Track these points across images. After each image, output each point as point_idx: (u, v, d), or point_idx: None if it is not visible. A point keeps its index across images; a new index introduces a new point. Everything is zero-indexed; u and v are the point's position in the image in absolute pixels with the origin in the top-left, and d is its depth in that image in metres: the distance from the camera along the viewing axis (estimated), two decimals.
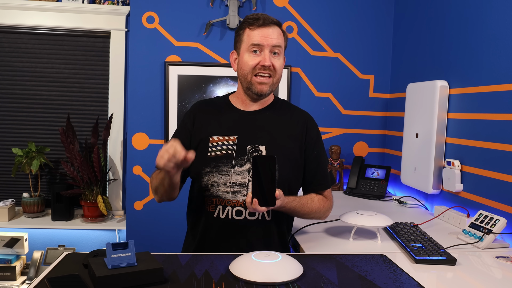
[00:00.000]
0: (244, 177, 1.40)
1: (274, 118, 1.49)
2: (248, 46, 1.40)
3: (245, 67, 1.41)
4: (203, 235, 1.45)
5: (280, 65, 1.43)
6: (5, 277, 2.46)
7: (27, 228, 2.63)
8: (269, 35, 1.39)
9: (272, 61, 1.39)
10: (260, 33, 1.38)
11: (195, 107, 1.54)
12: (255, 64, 1.39)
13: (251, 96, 1.45)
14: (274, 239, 1.45)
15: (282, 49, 1.43)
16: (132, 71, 2.54)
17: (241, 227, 1.41)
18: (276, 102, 1.54)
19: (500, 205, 1.67)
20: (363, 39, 2.66)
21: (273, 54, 1.40)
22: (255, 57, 1.39)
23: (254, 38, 1.39)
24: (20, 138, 2.76)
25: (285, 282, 1.05)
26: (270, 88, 1.42)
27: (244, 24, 1.43)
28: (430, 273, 1.27)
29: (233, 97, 1.54)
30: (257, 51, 1.39)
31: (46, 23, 2.66)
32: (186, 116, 1.53)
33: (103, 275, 0.99)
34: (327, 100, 2.67)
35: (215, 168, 1.41)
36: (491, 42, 1.76)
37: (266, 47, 1.39)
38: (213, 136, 1.44)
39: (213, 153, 1.42)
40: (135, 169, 2.56)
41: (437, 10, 2.17)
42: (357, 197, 2.39)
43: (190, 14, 2.54)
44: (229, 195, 1.40)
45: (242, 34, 1.43)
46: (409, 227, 1.65)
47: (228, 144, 1.42)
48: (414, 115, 2.22)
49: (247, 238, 1.41)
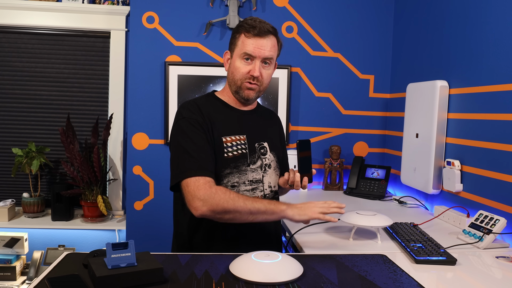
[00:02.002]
0: (258, 173, 1.46)
1: (262, 118, 1.58)
2: (241, 53, 1.42)
3: (235, 72, 1.44)
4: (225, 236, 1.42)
5: (269, 74, 1.47)
6: (5, 277, 2.46)
7: (27, 228, 2.63)
8: (263, 47, 1.41)
9: (262, 72, 1.43)
10: (254, 43, 1.40)
11: (194, 105, 1.44)
12: (246, 72, 1.42)
13: (239, 100, 1.49)
14: (279, 229, 1.58)
15: (274, 59, 1.48)
16: (132, 71, 2.54)
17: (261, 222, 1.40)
18: (259, 105, 1.62)
19: (500, 205, 1.67)
20: (363, 39, 2.66)
21: (263, 63, 1.44)
22: (246, 65, 1.42)
23: (248, 47, 1.41)
24: (20, 138, 2.76)
25: (285, 282, 1.05)
26: (256, 94, 1.47)
27: (241, 28, 1.44)
28: (430, 273, 1.27)
29: (223, 96, 1.52)
30: (249, 59, 1.42)
31: (46, 23, 2.66)
32: (191, 111, 1.41)
33: (103, 275, 0.99)
34: (327, 100, 2.67)
35: (235, 168, 1.42)
36: (491, 42, 1.76)
37: (258, 58, 1.42)
38: (225, 136, 1.44)
39: (230, 153, 1.42)
40: (135, 169, 2.56)
41: (437, 10, 2.17)
42: (357, 197, 2.39)
43: (190, 14, 2.54)
44: (249, 193, 1.44)
45: (237, 39, 1.45)
46: (409, 227, 1.65)
47: (241, 144, 1.45)
48: (414, 115, 2.22)
49: (265, 233, 1.48)
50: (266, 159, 1.49)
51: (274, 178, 1.51)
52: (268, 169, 1.49)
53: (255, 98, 1.49)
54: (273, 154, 1.53)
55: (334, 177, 2.60)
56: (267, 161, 1.49)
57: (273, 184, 1.51)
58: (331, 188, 2.59)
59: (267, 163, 1.49)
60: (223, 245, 1.41)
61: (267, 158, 1.49)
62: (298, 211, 1.36)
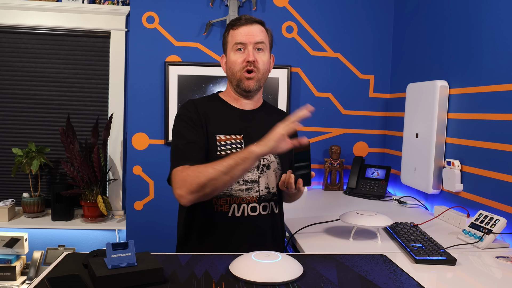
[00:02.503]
0: (255, 173, 1.45)
1: (267, 117, 1.54)
2: (232, 45, 1.45)
3: (232, 65, 1.45)
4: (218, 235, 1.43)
5: (264, 61, 1.46)
6: (5, 277, 2.46)
7: (27, 228, 2.63)
8: (251, 32, 1.43)
9: (256, 57, 1.43)
10: (242, 31, 1.43)
11: (191, 104, 1.48)
12: (241, 62, 1.43)
13: (242, 94, 1.49)
14: (279, 230, 1.54)
15: (267, 45, 1.47)
16: (132, 71, 2.54)
17: (256, 222, 1.44)
18: (265, 104, 1.60)
19: (500, 205, 1.67)
20: (363, 39, 2.66)
21: (257, 50, 1.45)
22: (240, 54, 1.44)
23: (237, 37, 1.44)
24: (20, 138, 2.76)
25: (285, 282, 1.05)
26: (256, 83, 1.45)
27: (228, 27, 1.50)
28: (430, 273, 1.27)
29: (225, 95, 1.54)
30: (241, 49, 1.44)
31: (46, 23, 2.66)
32: (188, 111, 1.45)
33: (103, 275, 0.98)
34: (327, 100, 2.67)
35: None
36: (491, 42, 1.76)
37: (249, 44, 1.43)
38: (219, 135, 1.44)
39: (223, 152, 1.42)
40: (135, 169, 2.56)
41: (437, 10, 2.17)
42: (357, 197, 2.39)
43: (190, 14, 2.54)
44: (243, 193, 1.43)
45: (227, 36, 1.49)
46: (409, 227, 1.65)
47: (236, 143, 1.44)
48: (414, 115, 2.22)
49: (261, 233, 1.47)
50: (265, 159, 1.47)
51: (273, 180, 1.49)
52: (267, 170, 1.47)
53: (257, 88, 1.47)
54: (275, 155, 1.50)
55: (334, 177, 2.60)
56: (265, 162, 1.47)
57: (271, 186, 1.48)
58: (331, 188, 2.59)
59: (266, 164, 1.48)
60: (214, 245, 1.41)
61: (265, 159, 1.47)
62: (265, 142, 1.25)
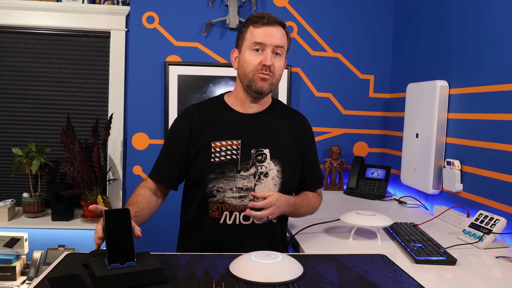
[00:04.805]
0: (250, 181, 1.39)
1: (274, 120, 1.47)
2: (251, 44, 1.37)
3: (246, 65, 1.38)
4: (209, 240, 1.43)
5: (281, 66, 1.41)
6: (5, 277, 2.46)
7: (27, 228, 2.63)
8: (273, 35, 1.36)
9: (273, 62, 1.37)
10: (263, 32, 1.36)
11: (190, 112, 1.46)
12: (257, 63, 1.37)
13: (251, 95, 1.42)
14: (278, 239, 1.48)
15: (285, 50, 1.42)
16: (132, 71, 2.54)
17: (248, 231, 1.41)
18: (274, 104, 1.51)
19: (500, 205, 1.67)
20: (363, 39, 2.66)
21: (275, 54, 1.38)
22: (257, 55, 1.37)
23: (258, 36, 1.36)
24: (20, 138, 2.76)
25: (285, 282, 1.05)
26: (269, 86, 1.39)
27: (248, 22, 1.40)
28: (430, 273, 1.27)
29: (230, 97, 1.49)
30: (259, 50, 1.37)
31: (46, 23, 2.66)
32: (179, 122, 1.46)
33: (103, 275, 0.99)
34: (327, 100, 2.67)
35: (220, 174, 1.38)
36: (491, 42, 1.76)
37: (269, 47, 1.36)
38: (215, 141, 1.40)
39: (217, 159, 1.39)
40: (135, 169, 2.56)
41: (437, 10, 2.17)
42: (357, 197, 2.39)
43: (190, 14, 2.54)
44: (236, 200, 1.39)
45: (245, 32, 1.40)
46: (409, 227, 1.65)
47: (232, 149, 1.40)
48: (414, 115, 2.22)
49: (254, 242, 1.41)
50: (263, 167, 1.40)
51: (270, 189, 1.40)
52: (264, 178, 1.40)
53: (268, 91, 1.40)
54: (275, 162, 1.41)
55: (334, 177, 2.60)
56: (263, 169, 1.40)
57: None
58: (331, 188, 2.59)
59: (264, 172, 1.40)
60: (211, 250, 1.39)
61: (264, 166, 1.40)
62: None
